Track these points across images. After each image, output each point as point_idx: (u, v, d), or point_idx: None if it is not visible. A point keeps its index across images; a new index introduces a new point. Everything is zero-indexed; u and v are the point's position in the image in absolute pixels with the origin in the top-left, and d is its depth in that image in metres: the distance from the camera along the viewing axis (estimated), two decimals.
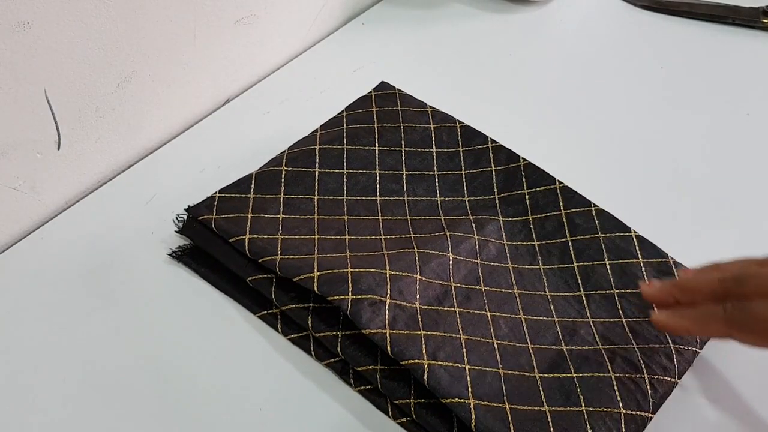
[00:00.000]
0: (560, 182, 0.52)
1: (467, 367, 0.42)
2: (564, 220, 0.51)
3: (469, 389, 0.41)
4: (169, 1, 0.54)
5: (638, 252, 0.48)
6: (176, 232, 0.51)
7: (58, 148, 0.52)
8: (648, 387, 0.42)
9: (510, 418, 0.40)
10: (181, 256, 0.50)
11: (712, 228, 0.54)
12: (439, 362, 0.41)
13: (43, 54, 0.48)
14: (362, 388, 0.44)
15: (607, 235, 0.49)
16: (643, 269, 0.48)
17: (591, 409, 0.41)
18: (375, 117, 0.56)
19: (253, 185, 0.51)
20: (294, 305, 0.45)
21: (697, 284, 0.41)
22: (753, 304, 0.38)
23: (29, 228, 0.53)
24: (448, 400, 0.40)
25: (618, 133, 0.62)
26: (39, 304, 0.48)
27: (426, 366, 0.41)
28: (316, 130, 0.56)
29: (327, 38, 0.71)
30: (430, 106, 0.57)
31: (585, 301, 0.47)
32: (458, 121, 0.56)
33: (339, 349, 0.43)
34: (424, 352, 0.41)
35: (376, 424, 0.43)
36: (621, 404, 0.41)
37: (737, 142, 0.61)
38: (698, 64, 0.69)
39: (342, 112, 0.57)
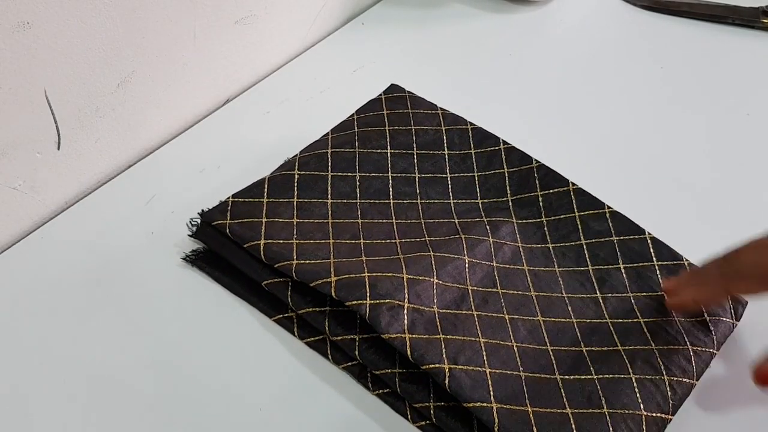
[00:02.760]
0: (573, 184, 0.52)
1: (488, 370, 0.42)
2: (578, 222, 0.51)
3: (491, 393, 0.40)
4: (169, 1, 0.54)
5: (653, 254, 0.48)
6: (189, 236, 0.50)
7: (58, 148, 0.52)
8: (668, 389, 0.42)
9: (533, 421, 0.40)
10: (194, 260, 0.50)
11: (711, 227, 0.54)
12: (460, 366, 0.41)
13: (43, 54, 0.48)
14: (380, 391, 0.43)
15: (622, 237, 0.49)
16: (657, 272, 0.48)
17: (612, 410, 0.41)
18: (386, 120, 0.56)
19: (266, 190, 0.51)
20: (310, 309, 0.45)
21: (706, 266, 0.44)
22: (741, 253, 0.40)
23: (29, 228, 0.53)
24: (471, 405, 0.40)
25: (618, 133, 0.62)
26: (39, 304, 0.48)
27: (447, 370, 0.41)
28: (327, 134, 0.55)
29: (327, 38, 0.71)
30: (441, 108, 0.57)
31: (602, 303, 0.47)
32: (469, 122, 0.56)
33: (357, 352, 0.43)
34: (444, 356, 0.41)
35: (395, 428, 0.42)
36: (642, 406, 0.41)
37: (737, 142, 0.61)
38: (698, 64, 0.69)
39: (353, 115, 0.57)
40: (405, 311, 0.43)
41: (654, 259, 0.48)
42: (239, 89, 0.65)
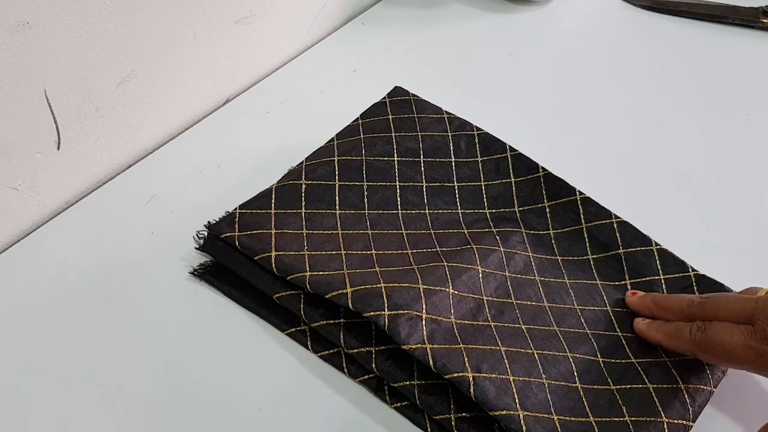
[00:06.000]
0: (581, 193, 0.52)
1: (512, 378, 0.41)
2: (585, 234, 0.50)
3: (516, 401, 0.40)
4: (169, 1, 0.54)
5: (659, 267, 0.48)
6: (196, 248, 0.50)
7: (58, 148, 0.52)
8: (686, 396, 0.42)
9: (559, 430, 0.40)
10: (202, 274, 0.49)
11: (710, 227, 0.54)
12: (484, 374, 0.41)
13: (43, 54, 0.48)
14: (399, 404, 0.43)
15: (629, 250, 0.49)
16: (663, 285, 0.48)
17: (635, 418, 0.41)
18: (392, 125, 0.55)
19: (273, 200, 0.50)
20: (324, 321, 0.44)
21: (670, 304, 0.45)
22: (711, 327, 0.41)
23: (29, 228, 0.53)
24: (497, 413, 0.39)
25: (617, 133, 0.62)
26: (39, 304, 0.48)
27: (471, 379, 0.40)
28: (332, 140, 0.55)
29: (327, 38, 0.71)
30: (447, 112, 0.56)
31: (612, 317, 0.47)
32: (476, 127, 0.56)
33: (374, 365, 0.43)
34: (467, 365, 0.41)
35: None
36: (663, 413, 0.41)
37: (737, 142, 0.61)
38: (698, 64, 0.69)
39: (357, 119, 0.56)
40: (423, 322, 0.42)
41: (660, 272, 0.48)
42: (239, 89, 0.65)
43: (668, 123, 0.63)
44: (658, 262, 0.49)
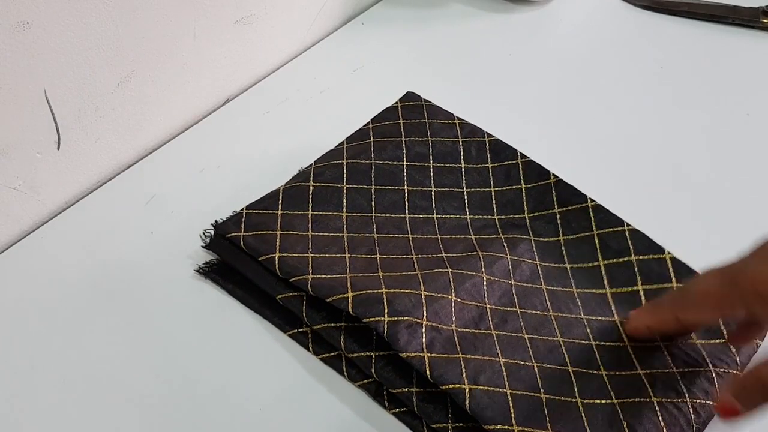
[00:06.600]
0: (591, 200, 0.51)
1: (509, 391, 0.41)
2: (596, 241, 0.50)
3: (512, 415, 0.40)
4: (169, 1, 0.54)
5: (672, 276, 0.48)
6: (203, 247, 0.50)
7: (58, 148, 0.52)
8: (691, 411, 0.41)
9: None
10: (207, 272, 0.49)
11: (710, 227, 0.54)
12: (480, 386, 0.40)
13: (43, 54, 0.48)
14: (397, 410, 0.43)
15: (641, 257, 0.48)
16: None
17: None
18: (402, 130, 0.55)
19: (280, 201, 0.50)
20: (326, 324, 0.44)
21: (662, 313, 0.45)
22: (693, 281, 0.42)
23: (29, 228, 0.53)
24: (491, 427, 0.39)
25: (617, 133, 0.62)
26: (39, 304, 0.48)
27: (467, 391, 0.40)
28: (342, 143, 0.55)
29: (327, 38, 0.71)
30: (458, 118, 0.56)
31: (620, 326, 0.46)
32: (487, 134, 0.55)
33: (373, 370, 0.43)
34: (464, 376, 0.41)
35: None
36: (665, 430, 0.40)
37: (737, 142, 0.61)
38: (698, 64, 0.69)
39: (368, 123, 0.56)
40: (423, 329, 0.42)
41: (674, 280, 0.47)
42: (239, 89, 0.65)
43: (668, 123, 0.63)
44: (671, 270, 0.48)
